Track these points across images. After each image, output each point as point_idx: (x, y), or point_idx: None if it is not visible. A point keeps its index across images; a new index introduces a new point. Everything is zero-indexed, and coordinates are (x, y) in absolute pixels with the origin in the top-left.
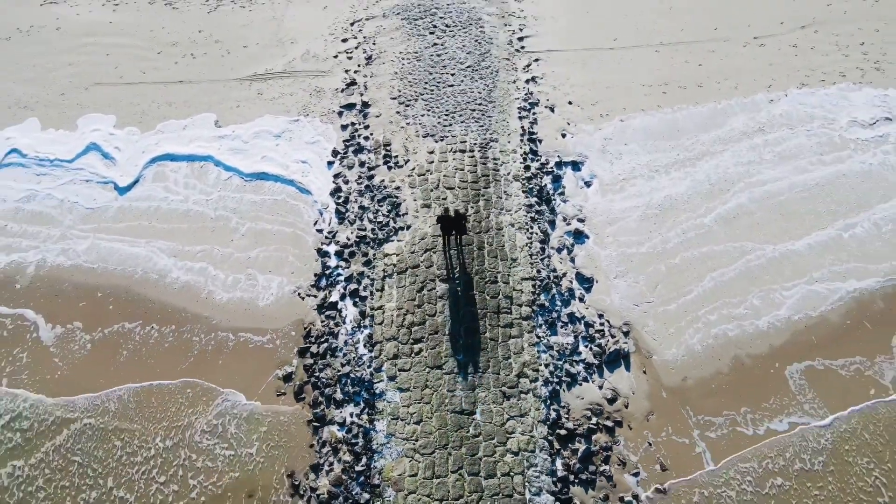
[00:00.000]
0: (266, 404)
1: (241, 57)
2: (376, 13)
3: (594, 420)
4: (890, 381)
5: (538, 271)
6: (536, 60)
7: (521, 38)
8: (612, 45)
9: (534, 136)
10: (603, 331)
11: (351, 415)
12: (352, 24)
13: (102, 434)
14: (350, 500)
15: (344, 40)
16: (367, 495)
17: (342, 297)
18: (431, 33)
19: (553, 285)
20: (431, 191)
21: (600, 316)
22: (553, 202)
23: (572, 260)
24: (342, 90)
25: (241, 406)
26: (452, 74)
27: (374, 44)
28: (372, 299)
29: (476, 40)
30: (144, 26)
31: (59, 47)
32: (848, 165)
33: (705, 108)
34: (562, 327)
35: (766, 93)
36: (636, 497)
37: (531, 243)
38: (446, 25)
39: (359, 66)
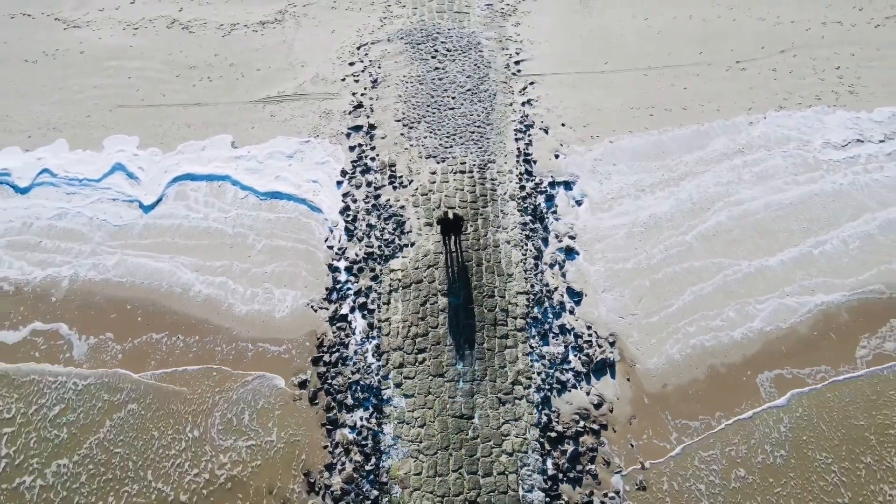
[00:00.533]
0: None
1: (255, 80)
2: (381, 37)
3: (582, 424)
4: None
5: (532, 286)
6: (532, 83)
7: (517, 62)
8: (603, 68)
9: (529, 158)
10: (591, 341)
11: (361, 419)
12: (358, 48)
13: (142, 423)
14: (361, 497)
15: (351, 64)
16: (376, 492)
17: (352, 310)
18: (433, 57)
19: (545, 299)
20: (433, 210)
21: (588, 327)
22: (546, 220)
23: (563, 275)
24: (349, 112)
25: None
26: (453, 98)
27: (379, 67)
28: (379, 312)
29: (475, 64)
30: (163, 50)
31: (83, 70)
32: (820, 185)
33: (689, 130)
34: (553, 338)
35: (746, 115)
36: (618, 493)
37: (525, 259)
38: (447, 50)
39: (365, 89)
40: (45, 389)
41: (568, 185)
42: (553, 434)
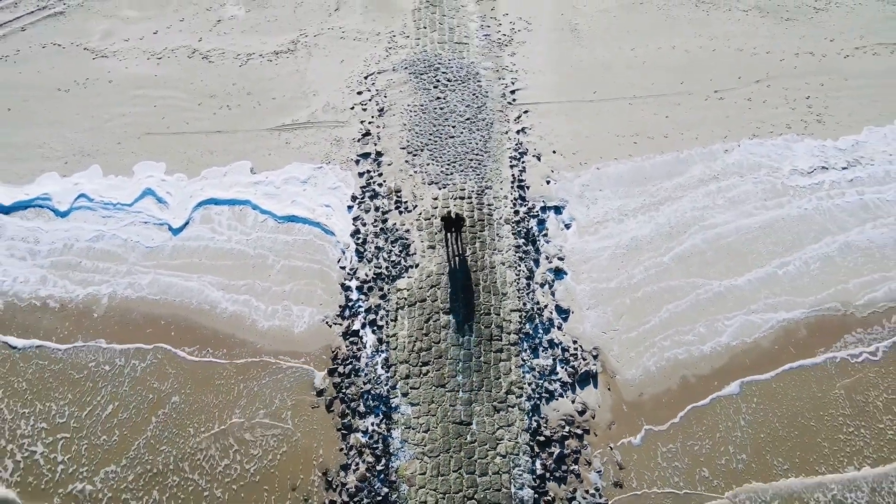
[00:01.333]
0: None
1: (270, 108)
2: (386, 67)
3: (567, 429)
4: None
5: (524, 304)
6: (526, 112)
7: (512, 91)
8: (592, 97)
9: (522, 184)
10: (576, 354)
11: (372, 424)
12: (365, 78)
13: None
14: (373, 493)
15: (359, 93)
16: (386, 489)
17: (363, 326)
18: (435, 87)
19: (536, 316)
20: (436, 234)
21: (574, 342)
22: (538, 243)
23: (553, 294)
24: (358, 140)
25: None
26: (453, 127)
27: (385, 96)
28: (387, 328)
29: (474, 94)
30: (185, 80)
31: (112, 99)
32: (787, 210)
33: (669, 157)
34: (543, 351)
35: (722, 143)
36: (597, 489)
37: (519, 279)
38: (448, 80)
39: (372, 117)
40: (99, 384)
41: (558, 210)
42: (542, 438)
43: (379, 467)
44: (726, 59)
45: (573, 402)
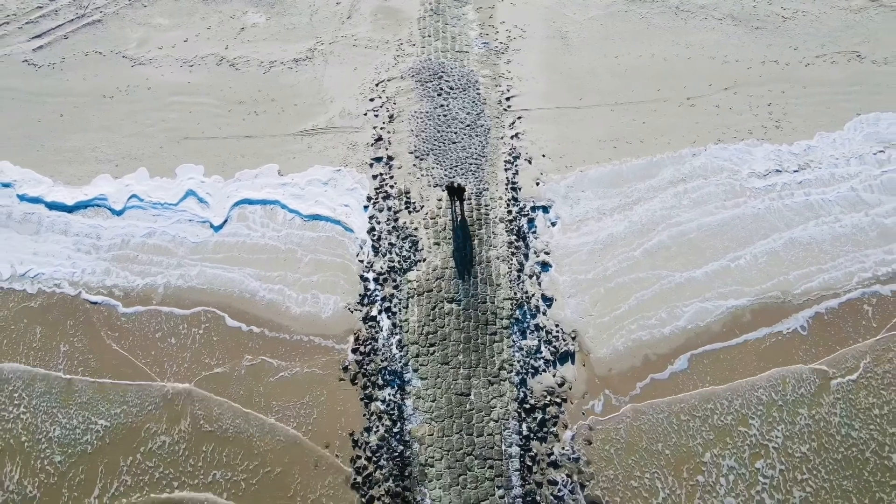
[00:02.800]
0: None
1: (293, 114)
2: (395, 75)
3: (548, 398)
4: None
5: (515, 293)
6: (520, 118)
7: (508, 98)
8: (579, 104)
9: (515, 185)
10: (558, 336)
11: (389, 395)
12: (377, 85)
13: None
14: (390, 450)
15: (371, 99)
16: (401, 447)
17: (379, 312)
18: (439, 95)
19: (525, 303)
20: (440, 232)
21: (556, 326)
22: (527, 239)
23: (539, 284)
24: (371, 144)
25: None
26: (455, 133)
27: (394, 103)
28: (400, 314)
29: (473, 101)
30: (216, 87)
31: (152, 105)
32: (742, 210)
33: (644, 161)
34: (530, 334)
35: (690, 147)
36: (571, 447)
37: (511, 272)
38: (450, 88)
39: (384, 123)
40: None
41: (545, 209)
42: (527, 406)
43: (395, 430)
44: (699, 66)
45: (554, 376)
